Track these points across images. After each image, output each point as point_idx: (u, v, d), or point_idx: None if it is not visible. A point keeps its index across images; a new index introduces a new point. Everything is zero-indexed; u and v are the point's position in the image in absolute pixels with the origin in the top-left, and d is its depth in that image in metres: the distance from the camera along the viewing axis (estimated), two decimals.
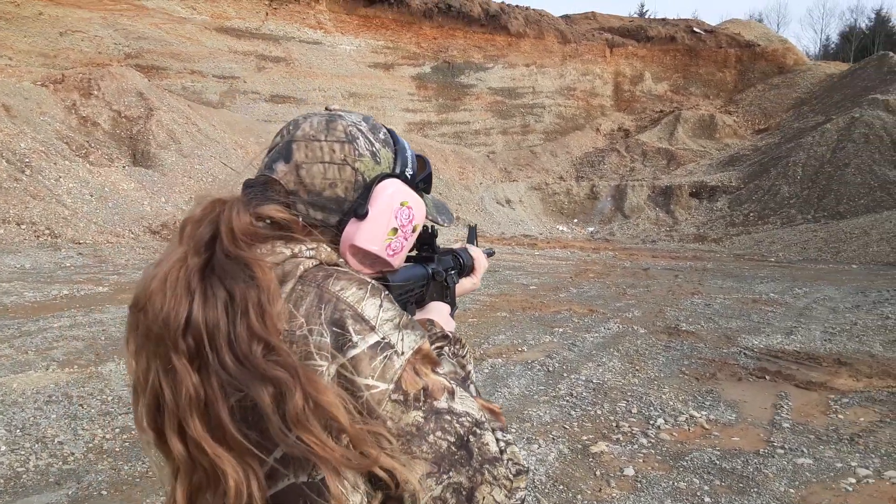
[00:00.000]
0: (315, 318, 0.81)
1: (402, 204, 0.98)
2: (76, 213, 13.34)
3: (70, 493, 3.39)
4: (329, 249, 0.92)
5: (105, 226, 13.56)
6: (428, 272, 1.19)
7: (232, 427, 0.77)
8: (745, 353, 6.85)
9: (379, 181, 0.97)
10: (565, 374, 5.88)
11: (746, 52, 36.34)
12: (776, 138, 29.12)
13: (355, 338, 0.80)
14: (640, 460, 4.08)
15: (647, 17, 49.72)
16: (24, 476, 3.55)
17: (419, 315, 1.13)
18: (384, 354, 0.81)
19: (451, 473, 0.82)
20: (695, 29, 37.63)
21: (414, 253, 1.24)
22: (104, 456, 3.82)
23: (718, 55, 36.53)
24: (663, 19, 40.45)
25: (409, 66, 28.56)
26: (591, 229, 26.52)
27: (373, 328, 0.82)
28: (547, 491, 3.62)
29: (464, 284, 1.38)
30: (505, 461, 0.87)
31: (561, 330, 7.66)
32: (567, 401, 5.17)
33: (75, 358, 5.63)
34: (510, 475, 0.86)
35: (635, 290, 11.30)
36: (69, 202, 13.51)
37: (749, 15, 61.30)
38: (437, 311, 1.15)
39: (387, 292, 0.88)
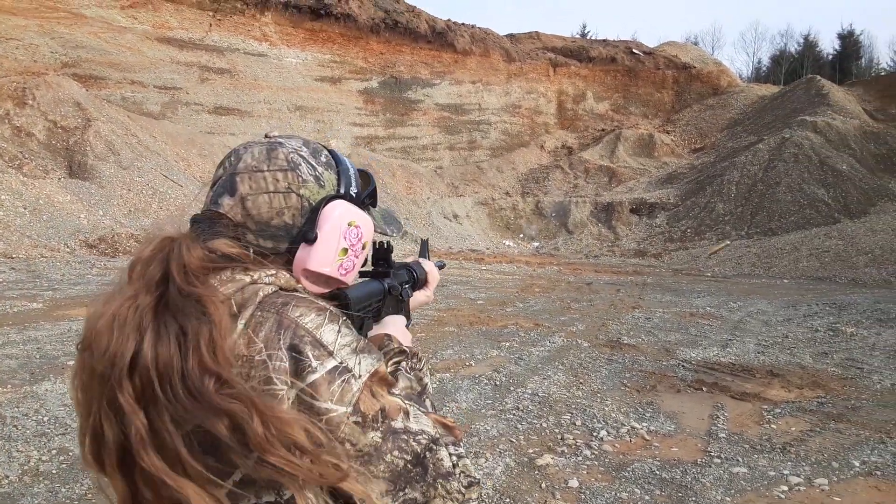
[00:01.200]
0: (274, 344, 0.84)
1: (349, 224, 1.00)
2: (9, 227, 12.83)
3: None
4: (288, 275, 0.95)
5: (39, 239, 13.08)
6: (384, 287, 1.23)
7: (189, 458, 0.78)
8: (683, 366, 7.10)
9: (325, 204, 0.99)
10: (512, 388, 5.99)
11: (683, 74, 37.74)
12: (711, 157, 30.28)
13: (314, 363, 0.84)
14: (584, 472, 4.19)
15: (588, 37, 51.08)
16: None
17: (376, 329, 1.17)
18: (342, 378, 0.85)
19: (406, 490, 0.87)
20: (634, 50, 38.88)
21: (370, 269, 1.28)
22: (40, 478, 3.70)
23: (657, 76, 37.82)
24: (604, 40, 41.69)
25: (356, 81, 28.57)
26: (536, 244, 26.96)
27: (331, 353, 0.86)
28: None
29: (417, 298, 1.41)
30: (457, 475, 0.93)
31: (508, 344, 7.78)
32: (514, 414, 5.26)
33: (9, 377, 5.43)
34: (462, 488, 0.92)
35: (579, 304, 11.56)
36: (1, 215, 12.98)
37: (685, 38, 63.71)
38: (394, 325, 1.19)
39: (345, 318, 0.93)
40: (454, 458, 0.94)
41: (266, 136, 1.04)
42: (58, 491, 3.56)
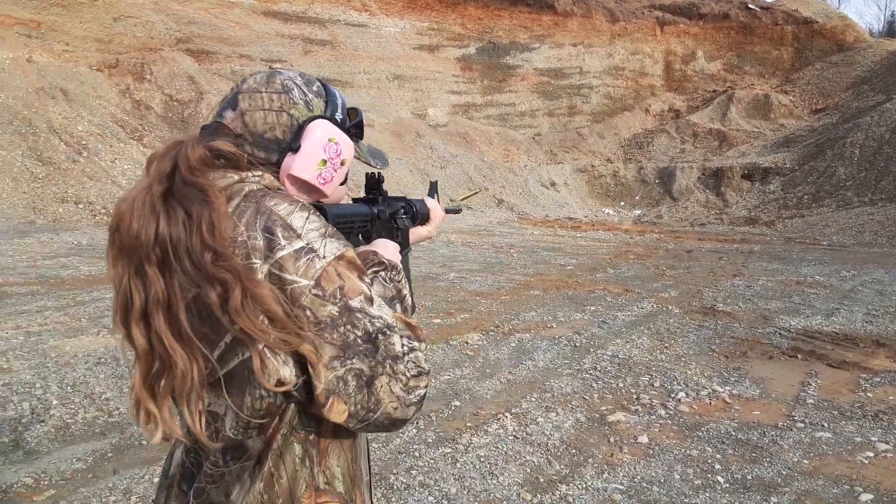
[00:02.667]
0: (252, 227, 0.98)
1: (329, 140, 1.13)
2: None
3: (114, 442, 3.67)
4: (271, 177, 1.10)
5: None
6: (372, 211, 1.35)
7: (185, 323, 0.95)
8: (779, 333, 6.78)
9: (309, 121, 1.14)
10: (591, 350, 5.95)
11: (804, 29, 34.98)
12: (834, 118, 28.08)
13: (283, 242, 0.97)
14: (656, 430, 4.15)
15: None
16: (72, 427, 3.85)
17: (365, 248, 1.28)
18: (307, 257, 0.98)
19: (354, 360, 0.99)
20: (749, 5, 36.39)
21: (363, 196, 1.41)
22: None
23: (774, 32, 35.27)
24: None
25: (453, 48, 28.50)
26: (637, 212, 26.15)
27: (298, 235, 0.99)
28: (559, 454, 3.74)
29: (418, 231, 1.55)
30: (406, 361, 1.03)
31: (593, 308, 7.70)
32: (590, 374, 5.25)
33: None
34: (408, 372, 1.03)
35: (675, 271, 11.20)
36: (124, 183, 14.08)
37: None
38: (382, 246, 1.31)
39: (316, 211, 1.05)
40: (406, 347, 1.04)
41: (270, 67, 1.19)
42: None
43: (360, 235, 1.33)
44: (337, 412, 1.00)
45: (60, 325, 5.90)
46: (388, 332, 1.01)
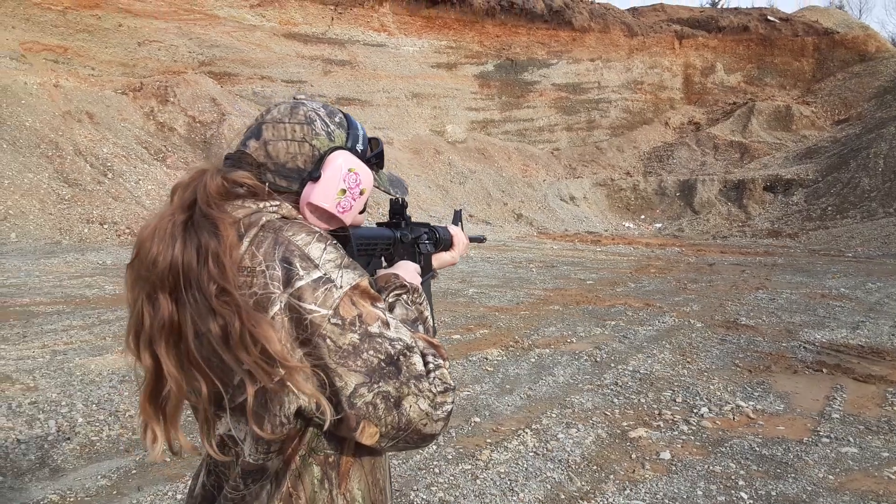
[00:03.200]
0: (270, 257, 1.01)
1: (349, 170, 1.16)
2: (154, 214, 14.13)
3: (138, 459, 3.71)
4: (290, 206, 1.13)
5: None
6: (395, 235, 1.40)
7: (195, 350, 0.98)
8: (804, 347, 6.69)
9: (330, 152, 1.17)
10: (612, 365, 5.91)
11: (825, 40, 34.71)
12: (857, 129, 27.76)
13: (301, 272, 1.00)
14: (679, 446, 4.10)
15: (718, 6, 48.18)
16: (97, 444, 3.90)
17: (387, 270, 1.31)
18: (325, 287, 1.00)
19: (380, 384, 1.00)
20: (769, 17, 36.24)
21: (386, 220, 1.45)
22: None
23: (795, 44, 35.04)
24: (735, 8, 39.16)
25: (471, 65, 28.69)
26: (658, 225, 25.99)
27: (316, 266, 1.01)
28: (580, 471, 3.71)
29: (442, 257, 1.59)
30: (431, 379, 1.06)
31: (613, 323, 7.65)
32: (611, 389, 5.21)
33: None
34: (433, 389, 1.05)
35: (697, 284, 11.10)
36: (148, 203, 14.32)
37: (829, 2, 58.28)
38: (403, 268, 1.33)
39: (334, 241, 1.08)
40: (431, 364, 1.07)
41: (294, 98, 1.25)
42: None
43: (382, 258, 1.37)
44: (369, 435, 1.02)
45: (86, 343, 5.99)
46: (409, 353, 1.04)
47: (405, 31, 26.91)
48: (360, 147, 1.23)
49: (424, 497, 3.37)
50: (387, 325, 1.04)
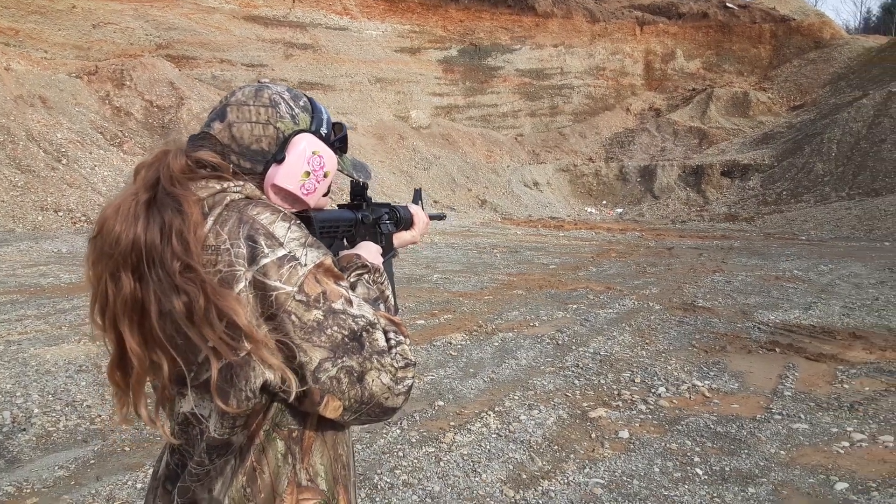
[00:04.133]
0: (235, 235, 1.01)
1: (313, 153, 1.17)
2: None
3: (96, 449, 3.66)
4: (253, 186, 1.13)
5: None
6: (356, 216, 1.40)
7: (158, 328, 0.99)
8: (758, 328, 6.88)
9: (295, 135, 1.18)
10: (574, 347, 6.01)
11: (782, 27, 35.39)
12: (811, 115, 28.45)
13: (266, 250, 1.01)
14: (637, 424, 4.20)
15: None
16: (54, 435, 3.84)
17: (348, 251, 1.32)
18: (290, 265, 1.01)
19: (344, 359, 1.03)
20: (728, 4, 36.76)
21: (347, 203, 1.46)
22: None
23: (753, 30, 35.66)
24: None
25: (435, 50, 28.57)
26: (619, 210, 26.35)
27: (281, 244, 1.02)
28: (542, 450, 3.78)
29: (403, 236, 1.60)
30: (393, 354, 1.08)
31: (575, 306, 7.76)
32: (572, 371, 5.30)
33: None
34: (396, 365, 1.07)
35: (656, 268, 11.31)
36: (104, 190, 13.98)
37: None
38: (365, 249, 1.35)
39: (298, 220, 1.09)
40: (392, 341, 1.10)
41: (258, 81, 1.24)
42: (143, 428, 3.92)
43: (344, 240, 1.38)
44: (332, 408, 1.04)
45: (41, 333, 5.86)
46: (371, 329, 1.06)
47: (368, 14, 26.65)
48: (324, 131, 1.24)
49: (388, 480, 3.40)
50: (350, 302, 1.06)
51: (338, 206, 1.43)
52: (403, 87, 27.09)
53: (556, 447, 3.84)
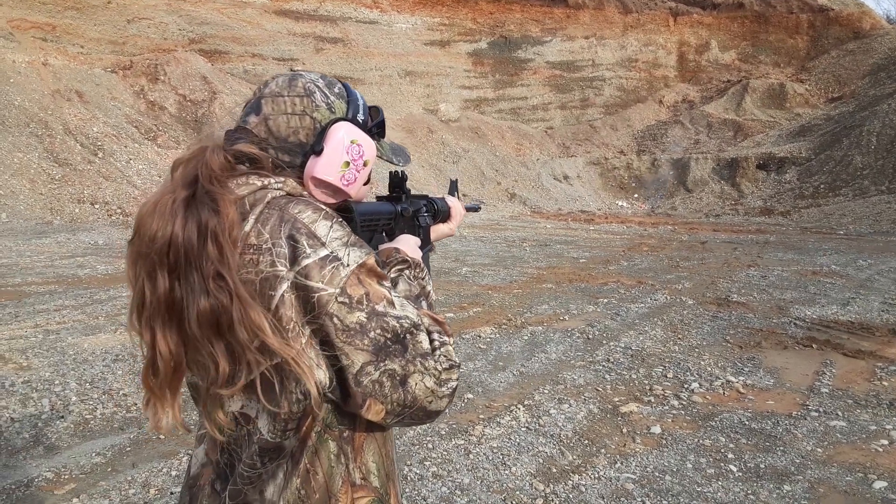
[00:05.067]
0: (277, 234, 1.00)
1: (352, 142, 1.14)
2: (145, 194, 14.06)
3: (132, 437, 3.73)
4: (294, 183, 1.11)
5: None
6: (396, 209, 1.37)
7: (195, 326, 0.97)
8: (795, 323, 6.73)
9: (332, 124, 1.14)
10: (604, 342, 5.95)
11: (819, 17, 34.52)
12: (850, 107, 27.71)
13: (308, 250, 0.99)
14: (669, 420, 4.15)
15: None
16: (91, 422, 3.92)
17: (388, 245, 1.30)
18: (332, 265, 0.99)
19: (386, 362, 1.00)
20: None
21: (385, 194, 1.43)
22: None
23: (789, 21, 34.84)
24: None
25: (465, 43, 28.47)
26: (651, 204, 26.02)
27: (323, 244, 1.00)
28: (572, 445, 3.75)
29: (440, 229, 1.57)
30: (437, 356, 1.05)
31: (606, 300, 7.69)
32: (603, 366, 5.25)
33: None
34: (439, 367, 1.05)
35: (689, 262, 11.14)
36: (139, 183, 14.24)
37: None
38: (405, 242, 1.32)
39: (339, 219, 1.07)
40: (436, 342, 1.07)
41: (291, 69, 1.22)
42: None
43: (384, 233, 1.35)
44: (375, 412, 1.02)
45: (78, 323, 5.99)
46: (415, 332, 1.04)
47: (398, 7, 26.65)
48: (361, 117, 1.20)
49: (418, 472, 3.40)
50: (392, 303, 1.03)
51: (376, 197, 1.41)
52: (433, 81, 27.06)
53: (586, 441, 3.81)
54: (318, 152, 1.12)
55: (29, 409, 4.02)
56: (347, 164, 1.14)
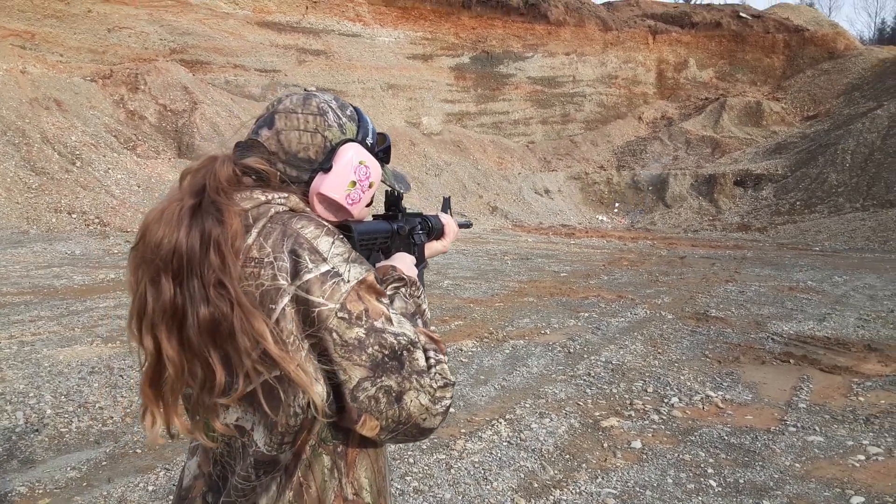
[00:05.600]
0: (279, 248, 1.01)
1: (360, 163, 1.18)
2: (124, 203, 13.90)
3: (108, 450, 3.67)
4: (298, 199, 1.13)
5: None
6: (392, 227, 1.40)
7: (194, 334, 0.98)
8: (772, 339, 6.82)
9: (341, 144, 1.18)
10: (585, 356, 5.97)
11: (795, 37, 35.26)
12: (825, 125, 28.26)
13: (310, 265, 1.01)
14: (649, 435, 4.17)
15: (691, 2, 48.66)
16: (66, 436, 3.85)
17: (384, 263, 1.32)
18: (333, 281, 1.01)
19: (383, 378, 1.01)
20: (741, 14, 36.69)
21: (382, 213, 1.46)
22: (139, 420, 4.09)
23: (766, 40, 35.53)
24: (708, 5, 39.69)
25: (447, 57, 28.61)
26: (630, 219, 26.26)
27: (325, 259, 1.02)
28: (553, 459, 3.76)
29: (433, 246, 1.60)
30: (432, 374, 1.06)
31: (586, 314, 7.73)
32: (584, 380, 5.27)
33: (118, 335, 5.97)
34: (434, 384, 1.06)
35: (668, 277, 11.25)
36: (117, 192, 14.07)
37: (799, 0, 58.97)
38: (401, 260, 1.34)
39: (341, 235, 1.08)
40: (432, 360, 1.08)
41: (305, 90, 1.27)
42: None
43: (380, 252, 1.38)
44: (369, 428, 1.03)
45: (54, 334, 5.89)
46: (412, 349, 1.05)
47: (381, 21, 26.74)
48: (369, 140, 1.24)
49: (399, 487, 3.38)
50: (390, 320, 1.05)
51: (372, 216, 1.43)
52: (415, 94, 27.15)
53: (567, 456, 3.81)
54: (327, 170, 1.15)
55: (3, 422, 3.94)
56: (354, 183, 1.17)
